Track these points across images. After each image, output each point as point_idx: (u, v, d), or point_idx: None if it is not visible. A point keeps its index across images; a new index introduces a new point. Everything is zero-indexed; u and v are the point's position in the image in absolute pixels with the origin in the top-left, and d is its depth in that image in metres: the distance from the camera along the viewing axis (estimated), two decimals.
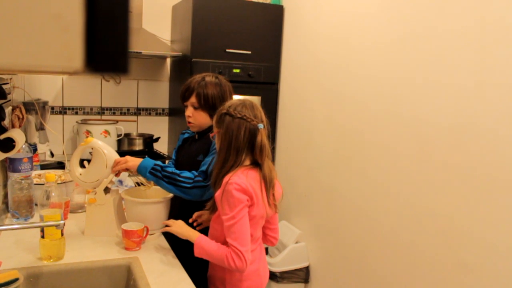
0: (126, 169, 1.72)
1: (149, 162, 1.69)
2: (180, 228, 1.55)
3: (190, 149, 1.90)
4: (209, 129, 1.82)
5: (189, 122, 1.85)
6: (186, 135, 2.00)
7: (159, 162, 1.69)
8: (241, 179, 1.42)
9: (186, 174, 1.68)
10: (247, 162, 1.49)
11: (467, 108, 1.68)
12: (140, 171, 1.68)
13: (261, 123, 1.50)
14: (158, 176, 1.66)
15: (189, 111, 1.83)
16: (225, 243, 1.44)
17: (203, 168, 1.71)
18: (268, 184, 1.50)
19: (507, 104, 1.53)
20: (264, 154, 1.50)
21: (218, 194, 1.45)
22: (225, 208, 1.41)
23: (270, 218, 1.63)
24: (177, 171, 1.68)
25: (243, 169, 1.47)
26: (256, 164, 1.50)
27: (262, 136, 1.49)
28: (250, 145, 1.48)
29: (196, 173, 1.70)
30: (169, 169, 1.68)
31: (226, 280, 1.51)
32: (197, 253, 1.46)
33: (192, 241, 1.49)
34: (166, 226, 1.60)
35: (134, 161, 1.69)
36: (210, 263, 1.60)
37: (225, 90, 1.85)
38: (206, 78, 1.83)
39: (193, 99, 1.80)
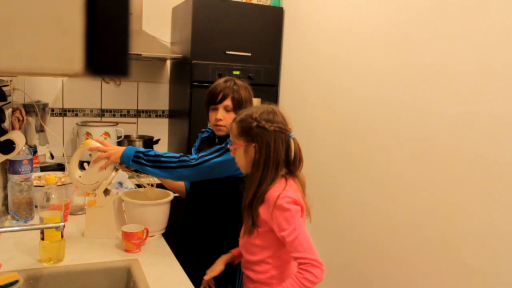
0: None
1: (131, 150, 1.65)
2: None
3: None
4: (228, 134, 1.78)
5: (219, 125, 1.78)
6: (205, 134, 1.97)
7: (141, 149, 1.65)
8: (289, 192, 1.35)
9: (171, 154, 1.65)
10: (282, 172, 1.42)
11: (467, 108, 1.68)
12: (123, 161, 1.64)
13: (292, 131, 1.45)
14: (141, 163, 1.62)
15: (220, 114, 1.76)
16: (273, 257, 1.40)
17: (195, 154, 1.68)
18: (304, 191, 1.46)
19: (507, 105, 1.53)
20: (300, 165, 1.46)
21: (265, 211, 1.37)
22: (282, 224, 1.33)
23: None
24: (161, 153, 1.64)
25: (282, 181, 1.40)
26: (289, 172, 1.44)
27: (296, 145, 1.45)
28: (285, 157, 1.43)
29: (182, 154, 1.66)
30: (152, 152, 1.64)
31: None
32: None
33: None
34: None
35: (116, 153, 1.65)
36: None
37: (251, 93, 1.86)
38: (237, 81, 1.82)
39: (228, 102, 1.76)
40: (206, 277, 1.52)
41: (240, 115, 1.46)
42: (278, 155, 1.39)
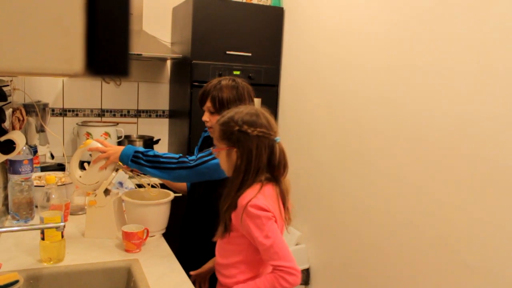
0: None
1: (130, 149, 1.63)
2: None
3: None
4: None
5: (209, 127, 1.79)
6: (207, 134, 1.95)
7: (140, 148, 1.64)
8: (259, 200, 1.30)
9: (170, 154, 1.63)
10: (262, 177, 1.36)
11: (467, 109, 1.68)
12: (122, 160, 1.63)
13: (277, 135, 1.38)
14: (140, 163, 1.61)
15: (205, 116, 1.77)
16: (243, 262, 1.37)
17: (194, 155, 1.68)
18: (285, 199, 1.41)
19: (508, 105, 1.53)
20: (285, 171, 1.40)
21: (236, 217, 1.33)
22: (254, 231, 1.28)
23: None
24: (160, 153, 1.63)
25: (256, 186, 1.33)
26: (272, 178, 1.38)
27: (280, 150, 1.38)
28: (268, 162, 1.36)
29: (181, 155, 1.64)
30: (151, 153, 1.62)
31: None
32: None
33: None
34: None
35: (115, 153, 1.64)
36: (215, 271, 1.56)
37: (243, 93, 1.77)
38: (223, 82, 1.76)
39: (208, 103, 1.74)
40: (192, 273, 1.54)
41: (223, 117, 1.39)
42: (259, 161, 1.33)
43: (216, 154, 1.43)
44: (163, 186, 1.86)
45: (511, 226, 1.52)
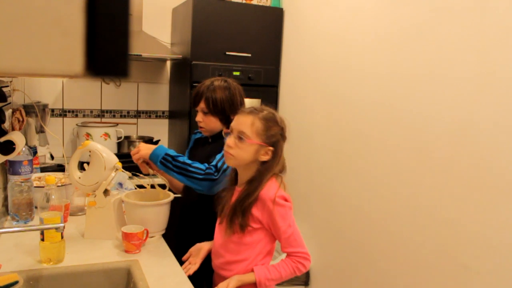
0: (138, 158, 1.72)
1: (161, 150, 1.67)
2: (237, 281, 1.43)
3: (203, 150, 1.88)
4: (220, 134, 1.81)
5: (201, 127, 1.84)
6: (198, 135, 1.99)
7: (171, 152, 1.67)
8: (282, 191, 1.43)
9: (198, 165, 1.66)
10: (276, 172, 1.49)
11: (468, 109, 1.68)
12: (152, 158, 1.67)
13: None
14: (168, 166, 1.64)
15: (199, 117, 1.82)
16: (255, 255, 1.44)
17: (213, 163, 1.69)
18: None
19: (507, 107, 1.53)
20: (285, 170, 1.52)
21: (259, 210, 1.41)
22: (279, 221, 1.39)
23: None
24: (189, 161, 1.66)
25: (274, 179, 1.46)
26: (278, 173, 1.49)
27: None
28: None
29: (207, 165, 1.67)
30: (181, 159, 1.66)
31: None
32: (266, 285, 1.42)
33: (252, 281, 1.42)
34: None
35: (147, 149, 1.68)
36: (214, 272, 1.57)
37: (235, 93, 1.82)
38: (215, 83, 1.81)
39: (202, 104, 1.79)
40: (184, 258, 1.61)
41: (262, 111, 1.44)
42: (281, 161, 1.46)
43: (236, 141, 1.42)
44: (163, 186, 1.86)
45: (511, 227, 1.52)
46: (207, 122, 1.81)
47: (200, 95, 1.79)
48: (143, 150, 1.68)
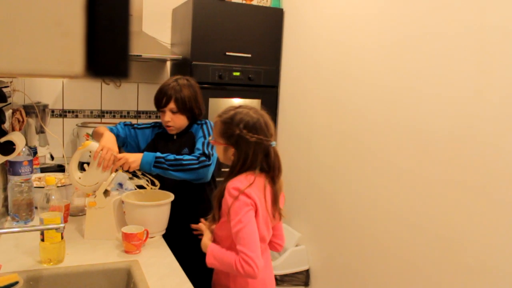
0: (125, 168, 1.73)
1: (150, 156, 1.73)
2: (204, 236, 1.50)
3: (171, 146, 1.95)
4: (187, 128, 1.94)
5: (168, 126, 1.92)
6: (160, 131, 2.04)
7: (158, 154, 1.74)
8: (243, 184, 1.38)
9: (188, 156, 1.75)
10: (256, 170, 1.44)
11: (467, 109, 1.68)
12: (143, 167, 1.72)
13: (273, 140, 1.46)
14: (163, 167, 1.72)
15: (168, 117, 1.89)
16: (230, 249, 1.40)
17: (200, 151, 1.78)
18: (275, 199, 1.47)
19: (508, 106, 1.53)
20: (279, 174, 1.47)
21: (224, 201, 1.41)
22: (231, 213, 1.37)
23: (274, 225, 1.58)
24: (179, 156, 1.74)
25: (249, 173, 1.42)
26: (263, 170, 1.45)
27: (275, 154, 1.46)
28: (264, 162, 1.44)
29: (197, 155, 1.76)
30: (171, 157, 1.73)
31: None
32: (210, 263, 1.41)
33: (205, 250, 1.44)
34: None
35: (135, 160, 1.71)
36: (214, 270, 1.58)
37: (196, 90, 1.93)
38: (180, 81, 1.90)
39: (172, 105, 1.87)
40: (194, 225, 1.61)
41: (225, 113, 1.46)
42: (254, 163, 1.42)
43: (213, 144, 1.54)
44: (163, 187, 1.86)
45: (511, 227, 1.52)
46: (176, 121, 1.90)
47: (169, 96, 1.86)
48: (133, 163, 1.70)
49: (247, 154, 1.42)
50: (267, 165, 1.44)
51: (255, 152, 1.42)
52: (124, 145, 2.01)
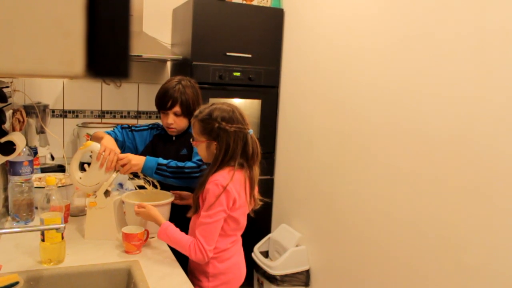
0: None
1: (152, 162, 1.73)
2: (150, 210, 1.61)
3: (170, 148, 1.97)
4: (186, 130, 1.95)
5: (170, 128, 1.92)
6: (158, 132, 2.04)
7: (160, 160, 1.74)
8: (226, 179, 1.49)
9: (189, 164, 1.76)
10: (234, 163, 1.55)
11: (467, 113, 1.68)
12: (145, 171, 1.73)
13: (250, 128, 1.58)
14: (165, 175, 1.73)
15: (171, 119, 1.89)
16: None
17: (199, 157, 1.78)
18: (252, 185, 1.58)
19: (508, 109, 1.53)
20: (257, 159, 1.59)
21: (204, 192, 1.51)
22: (205, 204, 1.49)
23: None
24: (181, 164, 1.75)
25: (229, 169, 1.53)
26: (242, 165, 1.56)
27: (253, 141, 1.57)
28: (243, 152, 1.56)
29: (197, 162, 1.77)
30: (172, 164, 1.74)
31: (209, 273, 1.55)
32: (160, 236, 1.54)
33: (158, 224, 1.57)
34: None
35: (138, 163, 1.72)
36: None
37: (198, 92, 1.94)
38: (183, 82, 1.90)
39: (177, 108, 1.87)
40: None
41: (202, 112, 1.57)
42: (235, 151, 1.53)
43: (195, 144, 1.61)
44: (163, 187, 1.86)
45: (511, 227, 1.52)
46: (179, 123, 1.92)
47: (175, 99, 1.87)
48: (135, 166, 1.71)
49: (228, 144, 1.52)
50: (246, 152, 1.55)
51: (235, 140, 1.53)
52: (122, 148, 2.01)
